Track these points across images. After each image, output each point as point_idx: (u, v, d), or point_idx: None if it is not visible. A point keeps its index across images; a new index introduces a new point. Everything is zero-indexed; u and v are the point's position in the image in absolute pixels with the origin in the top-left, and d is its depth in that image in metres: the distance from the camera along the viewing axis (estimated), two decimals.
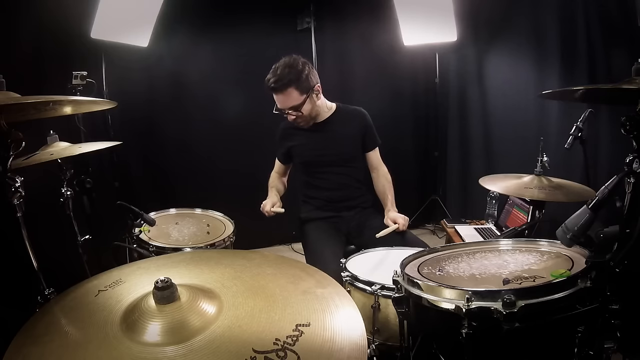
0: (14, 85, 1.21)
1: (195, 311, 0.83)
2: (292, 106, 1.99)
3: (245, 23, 3.51)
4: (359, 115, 2.20)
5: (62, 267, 1.64)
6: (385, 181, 2.22)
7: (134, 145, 3.35)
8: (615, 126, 1.04)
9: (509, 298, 0.96)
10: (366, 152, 2.21)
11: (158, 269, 1.08)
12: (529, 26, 3.24)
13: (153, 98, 3.41)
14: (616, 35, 2.68)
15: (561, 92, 1.66)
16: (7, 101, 1.11)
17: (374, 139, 2.21)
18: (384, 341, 1.43)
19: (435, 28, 3.44)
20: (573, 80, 2.95)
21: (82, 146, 1.87)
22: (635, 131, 0.99)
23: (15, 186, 1.14)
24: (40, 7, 2.62)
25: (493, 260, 1.29)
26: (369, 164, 2.24)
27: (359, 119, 2.18)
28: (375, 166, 2.25)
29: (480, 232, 2.79)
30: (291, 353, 0.74)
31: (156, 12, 2.93)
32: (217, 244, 1.90)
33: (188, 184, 3.57)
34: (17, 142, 1.14)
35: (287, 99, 1.98)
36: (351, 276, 1.50)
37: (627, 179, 1.00)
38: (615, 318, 1.02)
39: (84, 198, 2.09)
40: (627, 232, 0.99)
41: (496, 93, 3.61)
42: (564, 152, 2.09)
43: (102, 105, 1.65)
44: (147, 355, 0.75)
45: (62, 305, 0.94)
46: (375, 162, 2.24)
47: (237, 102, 3.56)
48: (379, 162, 2.25)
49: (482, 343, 1.03)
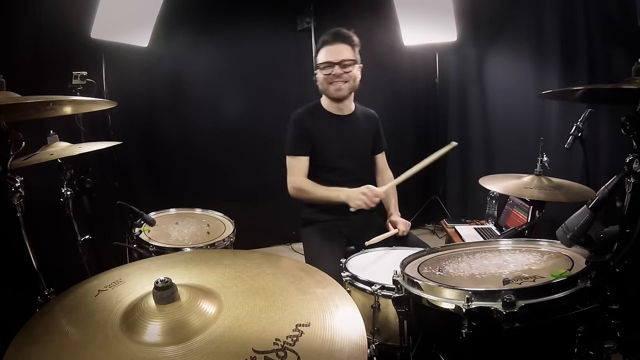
0: (14, 85, 1.21)
1: (195, 311, 0.83)
2: (346, 59, 1.98)
3: (245, 23, 3.52)
4: (374, 116, 2.24)
5: (62, 267, 1.64)
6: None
7: (134, 145, 3.35)
8: (615, 126, 1.04)
9: (509, 298, 0.96)
10: (374, 155, 2.24)
11: (158, 269, 1.08)
12: (529, 26, 3.25)
13: (153, 98, 3.42)
14: (616, 35, 2.69)
15: (561, 92, 1.66)
16: (7, 101, 1.11)
17: (383, 142, 2.26)
18: (384, 341, 1.43)
19: (435, 28, 3.45)
20: (573, 80, 2.95)
21: (82, 146, 1.87)
22: (635, 131, 0.99)
23: (15, 186, 1.14)
24: (40, 7, 2.62)
25: (493, 260, 1.29)
26: (376, 167, 2.27)
27: (374, 120, 2.23)
28: (381, 169, 2.27)
29: (480, 232, 2.79)
30: (291, 353, 0.74)
31: (156, 12, 2.93)
32: (217, 244, 1.89)
33: (188, 184, 3.57)
34: (17, 142, 1.14)
35: (343, 50, 1.99)
36: (351, 276, 1.50)
37: (627, 179, 1.00)
38: (615, 318, 1.02)
39: (84, 198, 2.10)
40: (627, 232, 0.99)
41: (496, 93, 3.62)
42: (564, 152, 2.09)
43: (102, 105, 1.65)
44: (147, 355, 0.75)
45: (62, 305, 0.94)
46: (382, 166, 2.27)
47: (237, 102, 3.56)
48: (384, 166, 2.28)
49: (482, 343, 1.03)
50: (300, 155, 2.06)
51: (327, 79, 2.02)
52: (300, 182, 2.04)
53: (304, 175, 2.06)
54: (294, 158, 2.07)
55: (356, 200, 1.87)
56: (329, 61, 1.99)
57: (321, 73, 2.03)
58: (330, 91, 2.04)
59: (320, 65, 2.02)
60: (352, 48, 2.02)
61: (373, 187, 1.92)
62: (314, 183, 2.03)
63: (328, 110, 2.12)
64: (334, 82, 2.01)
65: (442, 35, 3.49)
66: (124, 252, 1.96)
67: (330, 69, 1.99)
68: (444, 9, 3.33)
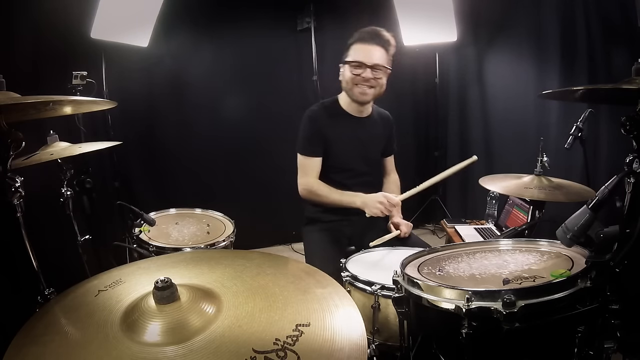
0: (14, 85, 1.21)
1: (195, 311, 0.83)
2: (379, 63, 1.88)
3: (245, 23, 3.51)
4: (389, 119, 2.20)
5: (62, 267, 1.64)
6: (395, 187, 2.21)
7: (134, 145, 3.35)
8: (615, 126, 1.04)
9: (509, 298, 0.96)
10: (384, 157, 2.22)
11: (158, 269, 1.08)
12: (529, 26, 3.25)
13: (153, 98, 3.42)
14: (616, 35, 2.69)
15: (561, 92, 1.66)
16: (7, 101, 1.11)
17: (393, 145, 2.23)
18: (384, 341, 1.43)
19: (435, 28, 3.44)
20: (573, 80, 2.95)
21: (82, 146, 1.87)
22: (635, 131, 0.98)
23: (15, 186, 1.14)
24: (40, 7, 2.62)
25: (493, 260, 1.29)
26: (384, 169, 2.25)
27: (389, 123, 2.19)
28: (388, 172, 2.25)
29: (480, 232, 2.79)
30: (291, 353, 0.74)
31: (156, 12, 2.93)
32: (217, 244, 1.90)
33: (188, 184, 3.57)
34: (17, 142, 1.14)
35: (378, 53, 1.89)
36: (351, 276, 1.49)
37: (627, 179, 1.00)
38: (615, 318, 1.02)
39: (84, 198, 2.10)
40: (627, 232, 0.99)
41: (496, 93, 3.62)
42: (564, 152, 2.09)
43: (102, 105, 1.65)
44: (147, 355, 0.75)
45: (62, 305, 0.94)
46: (389, 168, 2.25)
47: (237, 102, 3.56)
48: (392, 169, 2.26)
49: (482, 343, 1.03)
50: (314, 156, 1.99)
51: (354, 79, 1.91)
52: (313, 184, 1.98)
53: (317, 177, 1.99)
54: (306, 158, 2.00)
55: (373, 208, 1.85)
56: (361, 61, 1.88)
57: (349, 71, 1.91)
58: (355, 93, 1.94)
59: (351, 62, 1.90)
60: (387, 53, 1.91)
61: (390, 196, 1.87)
62: (328, 186, 1.97)
63: (346, 111, 2.04)
64: (361, 84, 1.91)
65: (442, 35, 3.49)
66: (124, 252, 1.96)
67: (360, 70, 1.89)
68: (444, 9, 3.33)
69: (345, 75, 1.95)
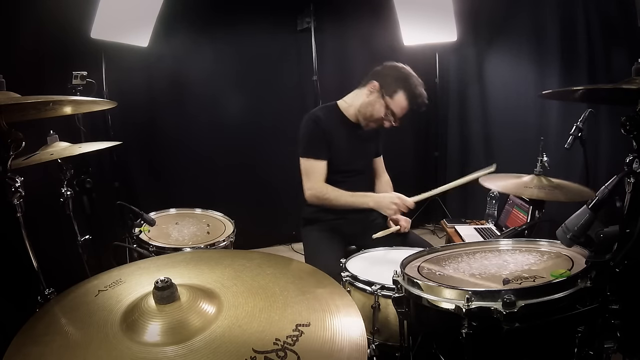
0: (14, 85, 1.21)
1: (195, 311, 0.83)
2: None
3: (245, 23, 3.51)
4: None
5: (62, 267, 1.64)
6: (388, 187, 2.25)
7: (134, 145, 3.35)
8: (615, 126, 1.04)
9: (509, 298, 0.96)
10: (375, 157, 2.25)
11: (158, 269, 1.08)
12: (529, 26, 3.25)
13: (153, 98, 3.41)
14: (616, 35, 2.69)
15: (561, 92, 1.66)
16: (7, 101, 1.11)
17: (382, 145, 2.27)
18: (384, 341, 1.43)
19: (435, 28, 3.44)
20: (573, 80, 2.95)
21: (82, 146, 1.87)
22: (635, 131, 0.98)
23: (15, 186, 1.14)
24: (40, 7, 2.62)
25: (493, 260, 1.29)
26: (375, 170, 2.27)
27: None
28: (379, 173, 2.28)
29: (480, 232, 2.79)
30: (291, 353, 0.74)
31: (156, 12, 2.93)
32: (217, 244, 1.90)
33: (188, 184, 3.57)
34: (17, 142, 1.14)
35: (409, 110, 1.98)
36: (351, 276, 1.50)
37: (627, 179, 1.00)
38: (615, 318, 1.02)
39: (84, 198, 2.10)
40: (627, 232, 0.99)
41: (496, 93, 3.61)
42: (564, 152, 2.09)
43: (102, 105, 1.65)
44: (147, 355, 0.75)
45: (62, 305, 0.94)
46: (380, 169, 2.29)
47: (237, 102, 3.56)
48: (383, 170, 2.30)
49: (482, 343, 1.03)
50: (319, 159, 1.96)
51: (382, 113, 1.95)
52: (320, 188, 1.96)
53: (323, 180, 1.97)
54: (311, 161, 1.97)
55: (387, 208, 1.87)
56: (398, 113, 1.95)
57: (382, 107, 1.94)
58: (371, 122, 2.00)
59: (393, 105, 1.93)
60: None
61: (404, 197, 1.88)
62: (336, 189, 1.95)
63: (347, 117, 2.08)
64: (379, 119, 1.97)
65: (442, 35, 3.49)
66: (124, 252, 1.96)
67: (392, 116, 1.96)
68: (444, 9, 3.33)
69: (376, 106, 1.96)
